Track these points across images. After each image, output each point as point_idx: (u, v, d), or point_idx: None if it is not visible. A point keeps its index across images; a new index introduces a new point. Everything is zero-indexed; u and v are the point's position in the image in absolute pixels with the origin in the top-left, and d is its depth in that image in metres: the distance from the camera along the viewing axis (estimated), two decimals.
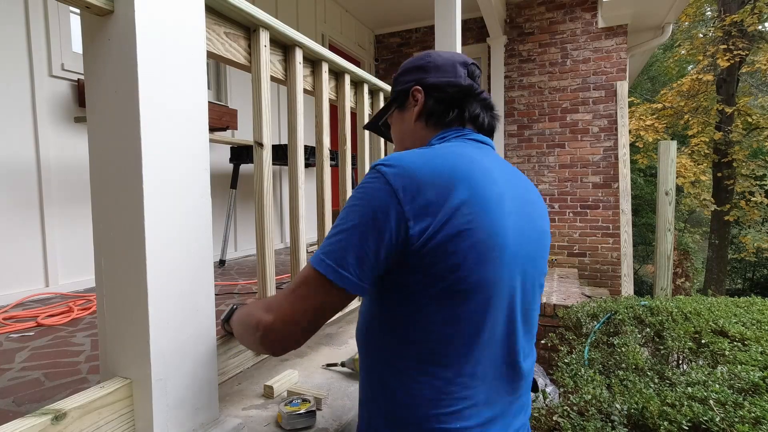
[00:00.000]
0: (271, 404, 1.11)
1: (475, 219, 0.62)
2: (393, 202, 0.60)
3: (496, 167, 0.71)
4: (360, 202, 0.63)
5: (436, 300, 0.63)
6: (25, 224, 2.21)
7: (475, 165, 0.67)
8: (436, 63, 0.82)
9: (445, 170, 0.63)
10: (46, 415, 0.62)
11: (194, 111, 0.80)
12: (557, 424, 1.56)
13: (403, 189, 0.61)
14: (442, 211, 0.60)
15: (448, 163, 0.65)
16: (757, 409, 1.29)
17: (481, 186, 0.64)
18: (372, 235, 0.61)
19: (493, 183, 0.66)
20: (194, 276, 0.80)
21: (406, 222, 0.60)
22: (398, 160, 0.64)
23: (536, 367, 3.28)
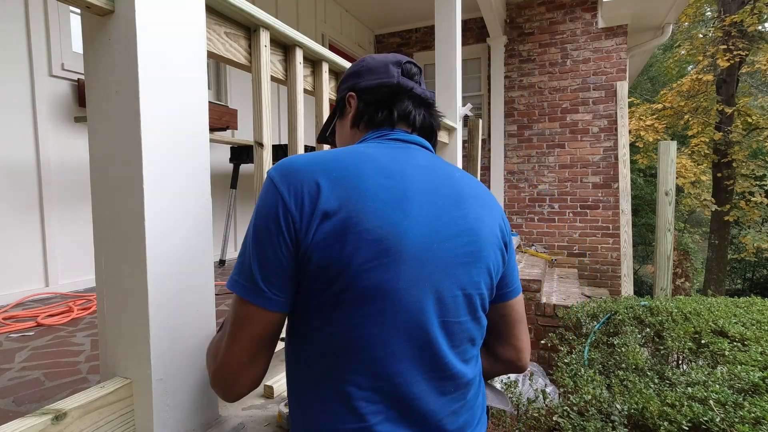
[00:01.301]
0: (271, 404, 1.10)
1: (358, 218, 0.57)
2: (280, 203, 0.57)
3: (409, 166, 0.65)
4: (256, 213, 0.61)
5: (323, 309, 0.59)
6: (25, 224, 2.21)
7: (367, 162, 0.62)
8: (368, 66, 0.80)
9: (319, 161, 0.61)
10: (46, 415, 0.62)
11: (194, 111, 0.80)
12: (557, 424, 1.56)
13: (288, 188, 0.58)
14: (319, 206, 0.57)
15: (335, 160, 0.61)
16: (757, 409, 1.29)
17: (366, 182, 0.59)
18: (269, 241, 0.58)
19: (388, 179, 0.61)
20: (194, 276, 0.80)
21: (293, 219, 0.57)
22: (287, 162, 0.62)
23: (536, 367, 3.28)
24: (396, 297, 0.58)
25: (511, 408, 0.89)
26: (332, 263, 0.56)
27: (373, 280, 0.57)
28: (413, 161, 0.67)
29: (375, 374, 0.59)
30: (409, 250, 0.58)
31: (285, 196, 0.58)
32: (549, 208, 4.98)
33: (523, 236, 5.06)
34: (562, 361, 2.05)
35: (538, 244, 5.02)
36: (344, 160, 0.62)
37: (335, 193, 0.57)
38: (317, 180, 0.58)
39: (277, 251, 0.57)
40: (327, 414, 0.60)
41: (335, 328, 0.59)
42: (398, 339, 0.59)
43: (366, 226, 0.57)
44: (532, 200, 5.04)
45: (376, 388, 0.59)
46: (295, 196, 0.57)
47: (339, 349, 0.59)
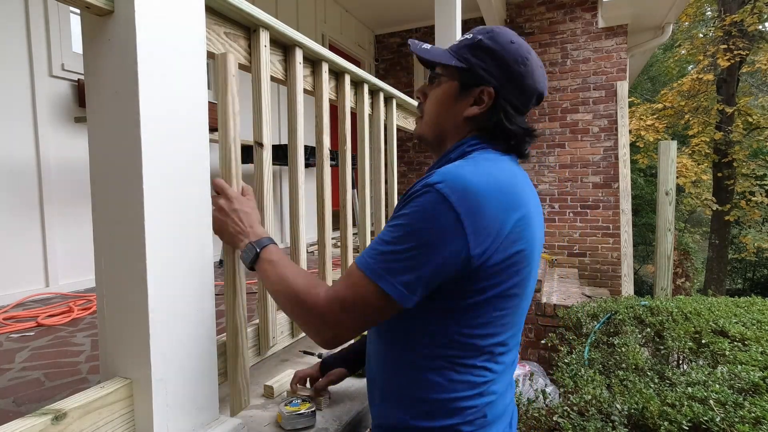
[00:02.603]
0: (271, 404, 1.11)
1: (525, 239, 0.67)
2: (457, 227, 0.61)
3: (525, 181, 0.74)
4: (421, 225, 0.62)
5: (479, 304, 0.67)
6: (25, 224, 2.21)
7: (521, 184, 0.71)
8: (523, 79, 0.74)
9: (503, 191, 0.66)
10: (46, 415, 0.62)
11: (194, 111, 0.80)
12: (557, 424, 1.56)
13: (467, 213, 0.61)
14: (501, 232, 0.64)
15: (505, 184, 0.67)
16: (758, 409, 1.29)
17: (528, 206, 0.69)
18: (432, 258, 0.62)
19: (531, 199, 0.72)
20: (194, 276, 0.80)
21: (467, 246, 0.62)
22: (459, 180, 0.63)
23: (536, 367, 3.28)
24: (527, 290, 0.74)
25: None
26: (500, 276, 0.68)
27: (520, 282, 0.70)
28: (522, 174, 0.76)
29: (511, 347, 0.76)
30: (536, 255, 0.73)
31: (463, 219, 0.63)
32: (549, 208, 4.98)
33: None
34: (563, 361, 2.05)
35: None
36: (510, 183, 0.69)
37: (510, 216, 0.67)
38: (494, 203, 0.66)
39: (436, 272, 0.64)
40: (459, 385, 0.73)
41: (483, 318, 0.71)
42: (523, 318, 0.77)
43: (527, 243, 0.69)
44: None
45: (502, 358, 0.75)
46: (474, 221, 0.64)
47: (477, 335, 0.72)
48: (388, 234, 0.65)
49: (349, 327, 0.67)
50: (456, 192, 0.62)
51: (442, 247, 0.61)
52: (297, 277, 0.73)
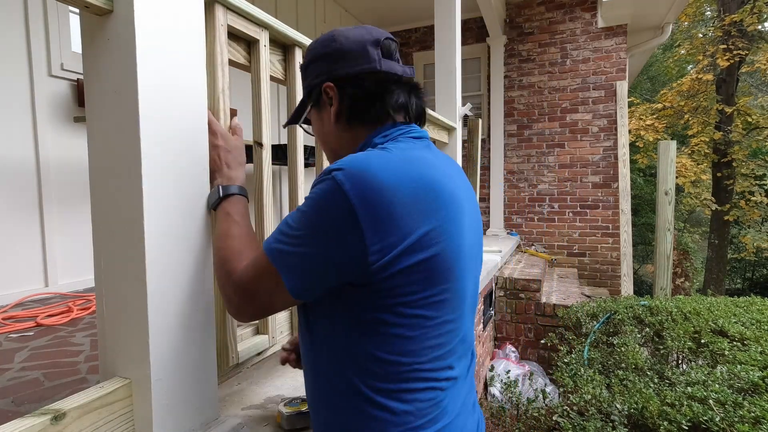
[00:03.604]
0: (270, 404, 1.11)
1: (443, 244, 0.59)
2: (351, 221, 0.55)
3: (448, 170, 0.66)
4: (315, 215, 0.58)
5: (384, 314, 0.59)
6: (25, 224, 2.21)
7: (444, 179, 0.62)
8: (342, 48, 0.70)
9: (418, 193, 0.58)
10: (46, 415, 0.61)
11: (194, 111, 0.80)
12: (557, 424, 1.56)
13: (363, 206, 0.54)
14: (410, 235, 0.56)
15: (423, 183, 0.59)
16: (757, 408, 1.29)
17: (450, 209, 0.61)
18: (325, 250, 0.57)
19: (456, 198, 0.63)
20: (194, 275, 0.80)
21: (363, 242, 0.55)
22: (362, 169, 0.56)
23: (536, 367, 3.28)
24: (454, 298, 0.65)
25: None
26: (407, 284, 0.60)
27: (440, 290, 0.62)
28: (443, 161, 0.68)
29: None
30: (465, 258, 0.64)
31: (359, 212, 0.58)
32: (549, 208, 4.98)
33: (522, 236, 5.06)
34: (562, 361, 2.05)
35: (538, 243, 5.02)
36: (426, 177, 0.61)
37: (423, 220, 0.60)
38: (403, 200, 0.59)
39: (328, 267, 0.62)
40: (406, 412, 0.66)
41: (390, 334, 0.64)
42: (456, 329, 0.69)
43: (446, 248, 0.61)
44: (532, 200, 5.04)
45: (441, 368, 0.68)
46: (373, 218, 0.58)
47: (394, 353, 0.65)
48: (291, 218, 0.61)
49: (247, 310, 0.66)
50: (354, 181, 0.55)
51: (336, 240, 0.56)
52: (234, 241, 0.71)
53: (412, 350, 0.60)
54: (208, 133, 0.85)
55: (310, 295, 0.62)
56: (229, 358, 1.02)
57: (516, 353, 3.41)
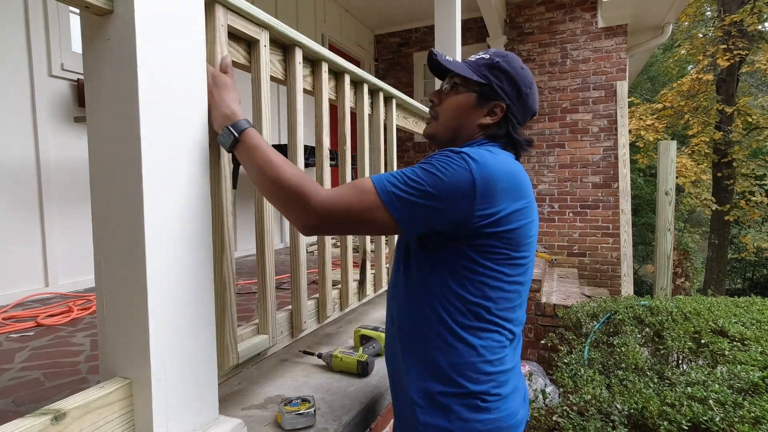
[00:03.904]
0: (270, 404, 1.11)
1: (524, 221, 0.82)
2: (470, 191, 0.74)
3: (527, 178, 0.87)
4: (443, 176, 0.74)
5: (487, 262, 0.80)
6: (25, 224, 2.21)
7: (525, 179, 0.84)
8: (527, 101, 0.90)
9: (512, 180, 0.80)
10: (46, 415, 0.61)
11: (194, 111, 0.80)
12: (557, 424, 1.56)
13: (483, 185, 0.74)
14: (505, 210, 0.78)
15: (514, 175, 0.81)
16: (757, 408, 1.29)
17: (530, 198, 0.84)
18: (439, 201, 0.74)
19: (532, 194, 0.86)
20: (194, 275, 0.80)
21: (473, 209, 0.74)
22: (483, 158, 0.77)
23: (536, 367, 3.28)
24: (529, 265, 0.89)
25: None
26: (497, 242, 0.81)
27: (520, 253, 0.84)
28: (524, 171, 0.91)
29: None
30: (534, 234, 0.87)
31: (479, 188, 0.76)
32: (549, 208, 4.98)
33: None
34: (562, 361, 2.05)
35: (539, 243, 5.02)
36: (519, 175, 0.83)
37: (515, 202, 0.81)
38: (504, 186, 0.80)
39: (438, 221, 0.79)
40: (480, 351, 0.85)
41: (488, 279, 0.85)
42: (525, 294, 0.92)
43: (525, 223, 0.83)
44: None
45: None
46: (484, 194, 0.77)
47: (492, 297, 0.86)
48: (408, 170, 0.76)
49: (338, 226, 0.77)
50: (478, 165, 0.75)
51: (452, 200, 0.74)
52: (285, 166, 0.77)
53: (490, 297, 0.80)
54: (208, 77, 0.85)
55: (417, 235, 0.80)
56: (229, 358, 1.02)
57: None
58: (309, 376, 1.28)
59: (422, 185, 0.74)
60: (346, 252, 1.59)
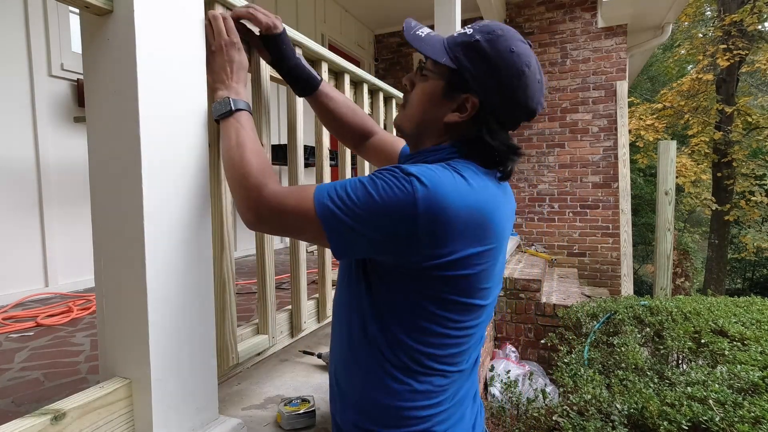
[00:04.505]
0: (270, 404, 1.11)
1: (480, 267, 0.67)
2: (407, 224, 0.60)
3: (503, 203, 0.71)
4: (377, 198, 0.61)
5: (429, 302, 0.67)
6: (25, 224, 2.21)
7: (498, 213, 0.68)
8: (514, 96, 0.69)
9: (475, 222, 0.63)
10: (46, 415, 0.61)
11: (194, 111, 0.80)
12: (557, 424, 1.56)
13: (428, 218, 0.60)
14: (455, 253, 0.63)
15: (481, 210, 0.64)
16: (757, 408, 1.29)
17: (501, 237, 0.69)
18: (366, 235, 0.62)
19: (504, 231, 0.70)
20: (194, 275, 0.80)
21: (411, 246, 0.61)
22: (437, 184, 0.61)
23: (536, 367, 3.28)
24: (483, 309, 0.74)
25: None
26: (444, 286, 0.68)
27: (473, 300, 0.70)
28: (501, 199, 0.72)
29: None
30: (498, 276, 0.75)
31: (420, 221, 0.63)
32: (549, 208, 4.98)
33: (523, 236, 5.05)
34: (562, 361, 2.05)
35: (538, 243, 5.02)
36: (488, 212, 0.67)
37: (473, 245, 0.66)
38: (462, 228, 0.65)
39: (374, 250, 0.68)
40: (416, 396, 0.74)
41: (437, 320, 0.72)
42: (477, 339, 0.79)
43: (487, 267, 0.69)
44: (532, 200, 5.04)
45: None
46: (432, 232, 0.63)
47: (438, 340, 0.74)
48: (353, 181, 0.64)
49: (277, 228, 0.72)
50: (428, 200, 0.60)
51: (382, 228, 0.61)
52: (253, 154, 0.74)
53: (432, 343, 0.68)
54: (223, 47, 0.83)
55: (348, 257, 0.71)
56: (229, 358, 1.02)
57: (516, 353, 3.41)
58: (309, 376, 1.28)
59: (354, 203, 0.62)
60: None
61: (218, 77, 0.83)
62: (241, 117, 0.79)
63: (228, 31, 0.84)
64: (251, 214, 0.70)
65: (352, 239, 0.63)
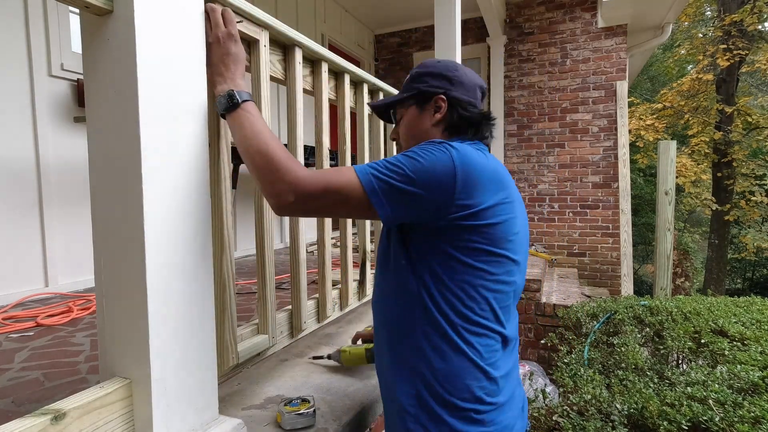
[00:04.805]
0: (270, 404, 1.11)
1: (504, 216, 0.80)
2: (450, 180, 0.73)
3: (507, 172, 0.87)
4: (423, 161, 0.74)
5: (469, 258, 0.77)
6: (25, 224, 2.21)
7: (505, 173, 0.84)
8: (461, 80, 0.92)
9: (492, 173, 0.79)
10: (46, 415, 0.61)
11: (193, 111, 0.80)
12: (557, 424, 1.56)
13: (463, 173, 0.74)
14: (485, 201, 0.76)
15: (493, 168, 0.80)
16: (757, 408, 1.29)
17: (510, 191, 0.83)
18: (418, 188, 0.73)
19: (513, 186, 0.85)
20: (194, 275, 0.80)
21: (452, 199, 0.74)
22: (464, 148, 0.77)
23: (536, 367, 3.28)
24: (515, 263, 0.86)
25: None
26: (476, 235, 0.80)
27: (503, 249, 0.81)
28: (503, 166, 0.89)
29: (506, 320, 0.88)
30: (520, 231, 0.85)
31: (459, 179, 0.76)
32: (549, 208, 4.98)
33: None
34: (562, 361, 2.05)
35: (538, 243, 5.02)
36: (500, 171, 0.83)
37: (496, 195, 0.80)
38: (485, 180, 0.79)
39: (420, 209, 0.78)
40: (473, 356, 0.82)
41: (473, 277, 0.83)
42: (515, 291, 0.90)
43: (507, 218, 0.81)
44: (532, 200, 5.04)
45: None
46: (464, 186, 0.76)
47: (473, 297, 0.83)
48: (392, 158, 0.76)
49: (314, 204, 0.75)
50: (459, 154, 0.75)
51: (431, 185, 0.73)
52: (274, 140, 0.77)
53: (473, 296, 0.78)
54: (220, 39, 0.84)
55: (397, 221, 0.78)
56: (229, 358, 1.02)
57: None
58: (309, 376, 1.28)
59: (401, 169, 0.73)
60: (346, 252, 1.59)
61: (217, 70, 0.84)
62: (251, 107, 0.81)
63: (226, 22, 0.85)
64: (289, 196, 0.72)
65: (399, 202, 0.73)
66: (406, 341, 0.81)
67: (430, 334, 0.78)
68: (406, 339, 0.81)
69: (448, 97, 0.91)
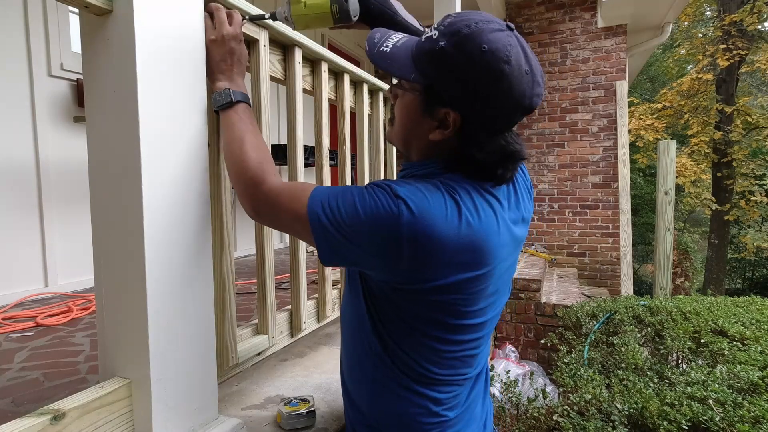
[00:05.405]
0: (270, 404, 1.11)
1: (472, 288, 0.64)
2: (390, 249, 0.58)
3: (502, 222, 0.66)
4: (362, 212, 0.59)
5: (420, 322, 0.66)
6: (25, 224, 2.21)
7: (490, 238, 0.62)
8: (498, 99, 0.59)
9: (467, 246, 0.59)
10: (45, 415, 0.61)
11: (194, 111, 0.80)
12: (557, 424, 1.56)
13: (412, 244, 0.57)
14: (439, 280, 0.60)
15: (470, 238, 0.60)
16: (757, 408, 1.29)
17: (487, 266, 0.63)
18: (361, 252, 0.62)
19: (497, 255, 0.64)
20: (194, 275, 0.80)
21: (399, 269, 0.60)
22: (424, 211, 0.57)
23: (536, 367, 3.28)
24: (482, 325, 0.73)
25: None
26: (431, 308, 0.67)
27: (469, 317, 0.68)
28: (501, 217, 0.67)
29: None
30: (495, 290, 0.70)
31: (405, 249, 0.60)
32: (549, 208, 4.98)
33: None
34: (562, 361, 2.05)
35: (538, 243, 5.02)
36: (484, 246, 0.62)
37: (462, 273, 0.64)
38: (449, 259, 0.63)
39: (358, 264, 0.70)
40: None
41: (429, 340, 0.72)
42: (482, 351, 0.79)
43: (477, 292, 0.65)
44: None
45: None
46: (415, 258, 0.62)
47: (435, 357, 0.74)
48: (349, 189, 0.62)
49: (274, 222, 0.74)
50: (414, 225, 0.57)
51: (377, 253, 0.60)
52: (252, 148, 0.75)
53: (431, 359, 0.68)
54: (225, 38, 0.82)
55: (332, 264, 0.69)
56: (229, 358, 1.02)
57: (516, 353, 3.41)
58: (309, 376, 1.28)
59: (341, 215, 0.60)
60: None
61: (218, 67, 0.84)
62: (241, 109, 0.80)
63: (233, 23, 0.85)
64: (249, 207, 0.73)
65: (337, 248, 0.62)
66: (362, 374, 0.75)
67: (387, 377, 0.70)
68: (362, 372, 0.75)
69: (465, 119, 0.63)
